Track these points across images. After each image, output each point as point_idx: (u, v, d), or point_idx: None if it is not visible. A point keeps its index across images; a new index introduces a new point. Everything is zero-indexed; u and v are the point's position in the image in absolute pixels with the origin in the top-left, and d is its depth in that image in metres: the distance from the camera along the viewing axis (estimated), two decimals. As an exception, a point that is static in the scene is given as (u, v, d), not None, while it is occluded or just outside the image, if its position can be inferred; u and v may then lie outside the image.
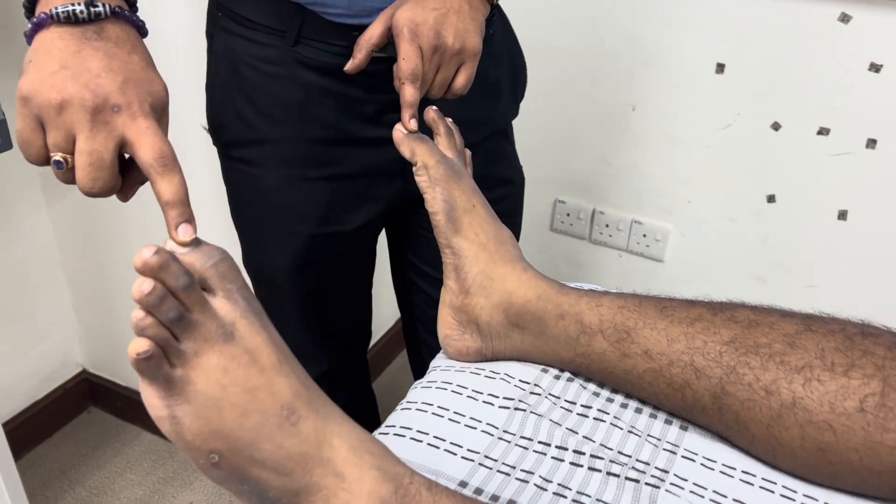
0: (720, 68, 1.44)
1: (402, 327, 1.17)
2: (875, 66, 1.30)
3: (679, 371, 0.60)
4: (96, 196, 0.53)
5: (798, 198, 1.46)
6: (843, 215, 1.42)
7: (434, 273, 1.01)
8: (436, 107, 0.72)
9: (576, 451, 0.60)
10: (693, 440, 0.62)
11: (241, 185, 0.93)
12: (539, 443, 0.61)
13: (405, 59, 0.69)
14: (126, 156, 0.54)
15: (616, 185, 1.66)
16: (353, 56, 0.74)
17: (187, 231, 0.49)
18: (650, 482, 0.57)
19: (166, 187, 0.50)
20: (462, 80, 0.73)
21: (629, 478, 0.57)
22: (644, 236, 1.66)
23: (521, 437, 0.61)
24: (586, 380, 0.68)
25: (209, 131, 0.92)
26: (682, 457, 0.60)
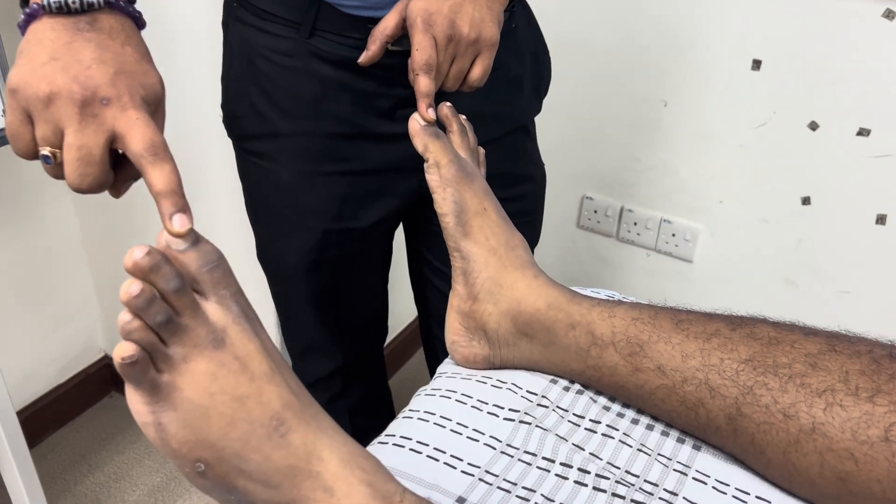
0: (756, 64, 1.39)
1: (418, 324, 1.15)
2: (920, 65, 1.25)
3: (693, 389, 0.57)
4: (86, 192, 0.52)
5: (834, 200, 1.40)
6: (881, 220, 1.37)
7: (448, 270, 0.99)
8: (450, 103, 0.69)
9: (580, 469, 0.57)
10: (706, 461, 0.59)
11: (256, 178, 0.92)
12: (543, 458, 0.58)
13: (418, 49, 0.66)
14: (119, 151, 0.52)
15: (645, 183, 1.62)
16: (367, 48, 0.72)
17: (182, 221, 0.47)
18: (658, 505, 0.54)
19: (157, 176, 0.48)
20: (478, 72, 0.70)
21: (634, 500, 0.55)
22: (673, 236, 1.62)
23: (525, 452, 0.59)
24: (597, 393, 0.65)
25: (224, 123, 0.91)
26: (693, 478, 0.57)
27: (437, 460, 0.58)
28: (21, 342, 1.50)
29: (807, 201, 1.44)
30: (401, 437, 0.61)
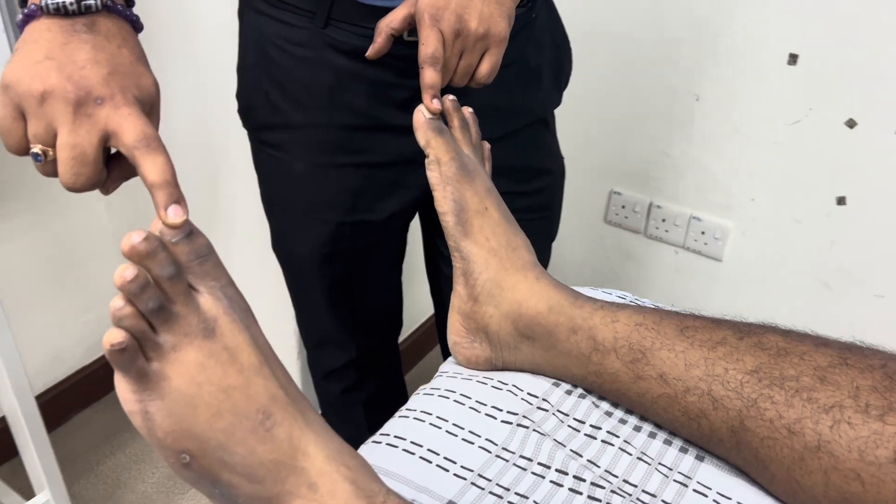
0: (793, 59, 1.34)
1: (434, 317, 1.15)
2: (965, 62, 1.19)
3: (695, 400, 0.55)
4: (79, 191, 0.52)
5: (871, 201, 1.35)
6: (920, 222, 1.32)
7: None
8: (454, 96, 0.68)
9: (576, 476, 0.55)
10: (708, 473, 0.57)
11: (270, 169, 0.92)
12: (539, 464, 0.57)
13: (424, 43, 0.65)
14: (112, 150, 0.52)
15: (675, 179, 1.58)
16: (374, 40, 0.71)
17: (177, 212, 0.47)
18: (654, 518, 0.53)
19: (151, 168, 0.48)
20: (486, 68, 0.69)
21: (630, 512, 0.53)
22: (702, 233, 1.58)
23: (521, 457, 0.57)
24: (599, 397, 0.63)
25: (239, 113, 0.90)
26: (694, 490, 0.55)
27: (430, 462, 0.57)
28: (48, 324, 1.52)
29: (842, 201, 1.39)
30: (395, 436, 0.60)
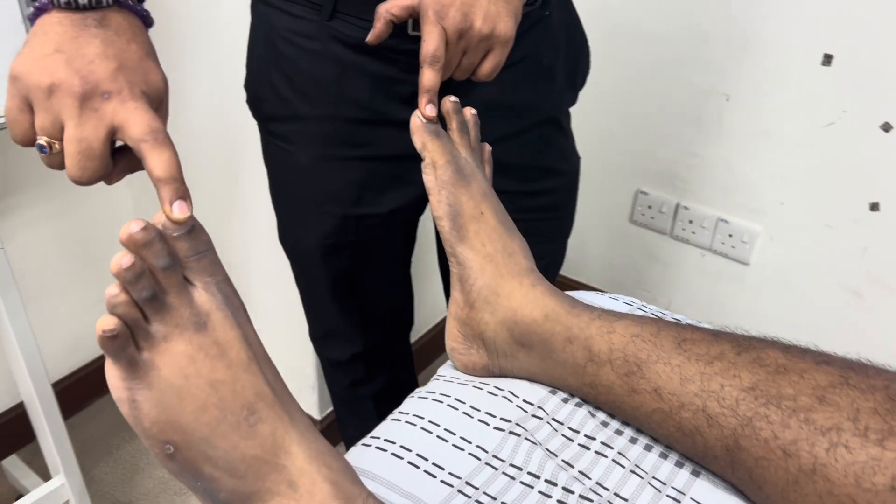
0: (827, 59, 1.31)
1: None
2: None
3: (690, 416, 0.53)
4: (85, 185, 0.53)
5: (905, 208, 1.32)
6: (956, 232, 1.28)
7: None
8: (455, 98, 0.67)
9: (565, 488, 0.54)
10: (703, 489, 0.55)
11: (277, 160, 0.92)
12: (528, 474, 0.56)
13: (426, 40, 0.64)
14: (117, 144, 0.53)
15: (703, 180, 1.55)
16: (374, 25, 0.69)
17: (182, 208, 0.47)
18: (642, 535, 0.51)
19: (157, 162, 0.48)
20: (488, 67, 0.67)
21: (617, 528, 0.52)
22: (730, 236, 1.55)
23: (511, 466, 0.57)
24: (596, 407, 0.62)
25: (248, 104, 0.91)
26: (687, 508, 0.54)
27: (418, 467, 0.57)
28: (70, 311, 1.55)
29: (875, 207, 1.35)
30: (385, 440, 0.59)
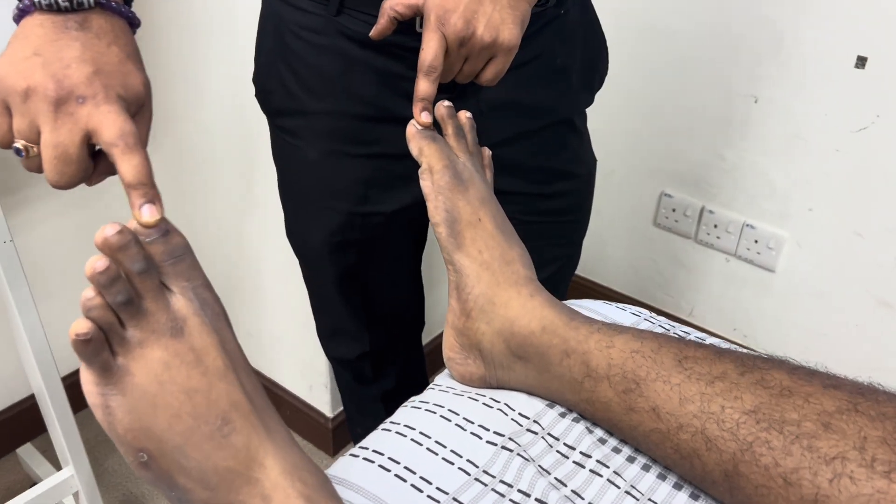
0: (861, 62, 1.26)
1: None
2: None
3: (688, 438, 0.51)
4: (64, 188, 0.53)
5: (940, 218, 1.27)
6: None
7: None
8: (449, 102, 0.65)
9: (555, 509, 0.52)
10: (702, 515, 0.53)
11: (285, 155, 0.91)
12: (518, 491, 0.54)
13: (425, 48, 0.62)
14: (98, 147, 0.52)
15: (729, 183, 1.51)
16: (378, 20, 0.68)
17: (152, 212, 0.47)
18: (633, 561, 0.49)
19: (126, 168, 0.48)
20: (490, 75, 0.65)
21: (607, 553, 0.49)
22: (756, 242, 1.51)
23: (501, 482, 0.54)
24: (594, 423, 0.60)
25: (256, 97, 0.89)
26: (683, 534, 0.51)
27: (405, 480, 0.55)
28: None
29: (908, 216, 1.30)
30: (373, 450, 0.58)
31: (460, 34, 0.61)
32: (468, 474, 0.55)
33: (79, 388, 0.46)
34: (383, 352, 1.07)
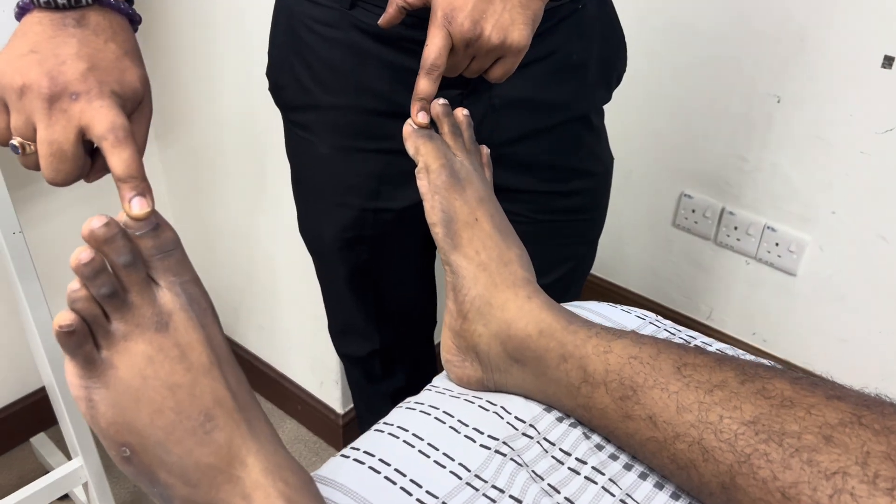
0: (888, 62, 1.23)
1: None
2: None
3: (685, 448, 0.49)
4: (61, 185, 0.53)
5: (967, 223, 1.23)
6: None
7: None
8: (445, 100, 0.63)
9: (547, 516, 0.51)
10: (699, 527, 0.51)
11: (298, 149, 0.90)
12: (510, 497, 0.52)
13: (428, 45, 0.60)
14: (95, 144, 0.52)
15: (751, 185, 1.48)
16: (386, 9, 0.66)
17: (141, 204, 0.46)
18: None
19: (117, 162, 0.48)
20: (498, 73, 0.64)
21: (598, 564, 0.48)
22: (777, 245, 1.48)
23: (492, 487, 0.53)
24: (591, 429, 0.58)
25: (270, 91, 0.89)
26: (679, 546, 0.49)
27: (395, 483, 0.54)
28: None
29: (934, 221, 1.26)
30: (364, 452, 0.57)
31: (467, 35, 0.60)
32: (460, 478, 0.54)
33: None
34: (393, 349, 1.06)
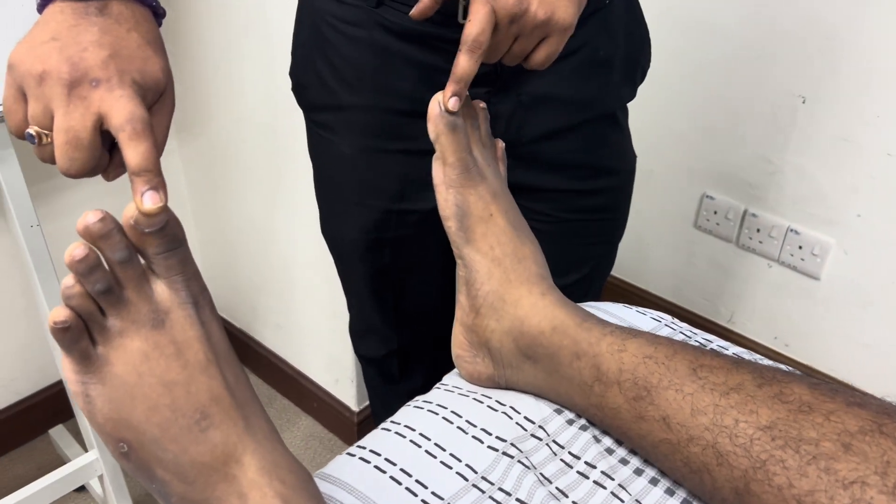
0: (917, 61, 1.20)
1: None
2: None
3: (699, 451, 0.48)
4: (75, 177, 0.51)
5: None
6: None
7: None
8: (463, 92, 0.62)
9: (554, 521, 0.50)
10: (711, 535, 0.49)
11: (320, 150, 0.89)
12: (517, 500, 0.51)
13: (471, 20, 0.57)
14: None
15: (774, 186, 1.45)
16: (420, 1, 0.64)
17: (154, 199, 0.45)
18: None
19: (132, 154, 0.46)
20: (542, 56, 0.61)
21: (605, 571, 0.47)
22: (800, 248, 1.45)
23: (499, 490, 0.52)
24: (603, 432, 0.57)
25: (293, 91, 0.88)
26: (690, 554, 0.48)
27: (400, 483, 0.53)
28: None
29: (963, 225, 1.23)
30: (371, 450, 0.56)
31: (513, 10, 0.57)
32: (466, 480, 0.53)
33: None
34: (411, 351, 1.05)
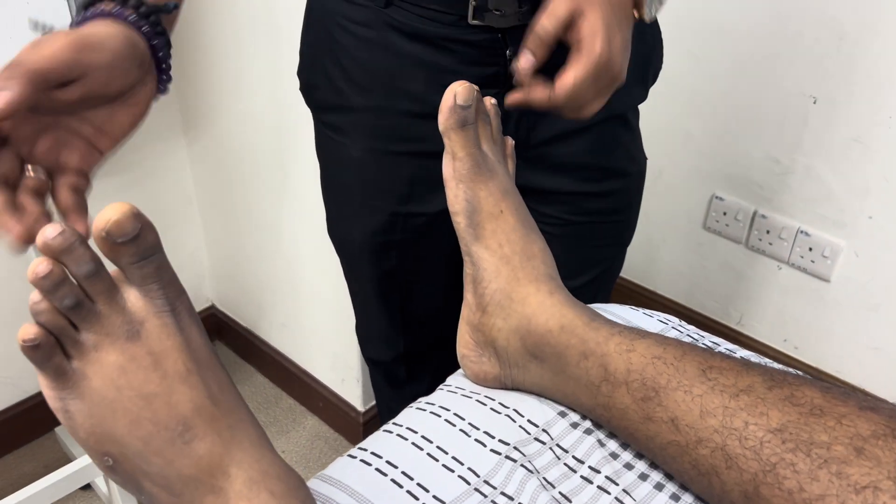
0: (930, 61, 1.18)
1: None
2: None
3: (707, 454, 0.47)
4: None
5: None
6: None
7: None
8: (477, 87, 0.61)
9: (558, 525, 0.49)
10: (719, 541, 0.48)
11: (328, 151, 0.89)
12: (520, 505, 0.50)
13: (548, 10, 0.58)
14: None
15: (784, 188, 1.44)
16: (521, 54, 0.62)
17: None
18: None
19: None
20: (595, 108, 0.63)
21: (610, 577, 0.46)
22: (810, 250, 1.43)
23: (501, 494, 0.51)
24: (608, 435, 0.56)
25: (301, 91, 0.87)
26: (697, 561, 0.47)
27: (402, 486, 0.52)
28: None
29: (977, 227, 1.21)
30: (371, 453, 0.55)
31: (608, 77, 0.61)
32: (468, 483, 0.52)
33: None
34: (418, 355, 1.04)
